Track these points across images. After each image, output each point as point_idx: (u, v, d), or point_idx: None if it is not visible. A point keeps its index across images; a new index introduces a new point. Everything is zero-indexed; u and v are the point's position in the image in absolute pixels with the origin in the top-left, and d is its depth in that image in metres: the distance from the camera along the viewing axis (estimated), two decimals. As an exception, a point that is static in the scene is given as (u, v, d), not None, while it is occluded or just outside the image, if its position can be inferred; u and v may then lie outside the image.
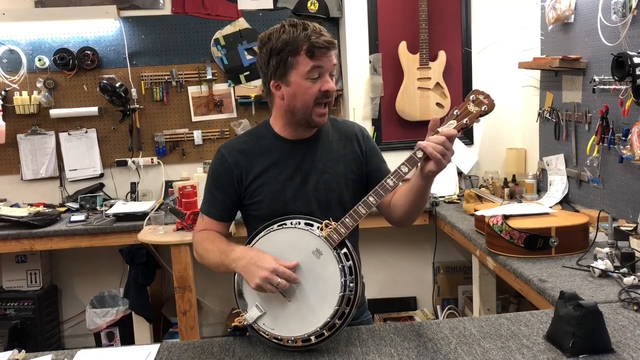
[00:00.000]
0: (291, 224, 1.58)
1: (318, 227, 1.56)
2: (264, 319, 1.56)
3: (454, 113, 1.57)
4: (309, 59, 1.59)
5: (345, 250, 1.53)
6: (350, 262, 1.52)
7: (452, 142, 1.53)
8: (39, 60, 3.77)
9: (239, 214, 1.82)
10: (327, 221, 1.55)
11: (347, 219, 1.53)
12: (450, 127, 1.55)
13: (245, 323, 1.57)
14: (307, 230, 1.55)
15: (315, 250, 1.53)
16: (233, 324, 1.61)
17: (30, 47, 3.79)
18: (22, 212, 3.48)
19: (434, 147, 1.49)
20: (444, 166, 1.52)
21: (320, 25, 1.63)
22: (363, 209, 1.54)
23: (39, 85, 3.79)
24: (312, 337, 1.51)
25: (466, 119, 1.56)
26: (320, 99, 1.63)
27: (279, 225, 1.59)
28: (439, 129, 1.55)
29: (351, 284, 1.51)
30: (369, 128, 3.84)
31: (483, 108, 1.56)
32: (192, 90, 3.92)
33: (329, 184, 1.72)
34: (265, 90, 1.72)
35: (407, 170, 1.54)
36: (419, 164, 1.54)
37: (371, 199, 1.54)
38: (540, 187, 3.52)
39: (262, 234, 1.60)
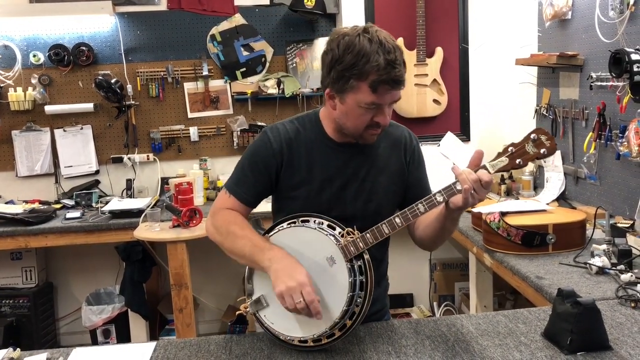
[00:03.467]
0: (314, 222, 1.53)
1: (339, 233, 1.51)
2: (266, 311, 1.54)
3: (509, 150, 1.44)
4: (372, 93, 1.46)
5: (360, 262, 1.48)
6: (364, 276, 1.47)
7: (488, 188, 1.41)
8: (34, 56, 3.75)
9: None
10: (349, 229, 1.49)
11: (368, 235, 1.47)
12: (500, 164, 1.44)
13: (248, 311, 1.56)
14: (327, 235, 1.50)
15: (330, 257, 1.48)
16: (238, 312, 1.59)
17: (25, 42, 3.76)
18: (17, 209, 3.46)
19: (469, 182, 1.39)
20: (470, 205, 1.44)
21: (395, 43, 1.46)
22: (387, 229, 1.47)
23: (33, 81, 3.76)
24: (309, 341, 1.49)
25: (520, 159, 1.43)
26: (372, 127, 1.54)
27: (302, 221, 1.55)
28: (486, 164, 1.44)
29: (359, 299, 1.46)
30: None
31: (542, 151, 1.42)
32: (188, 86, 3.90)
33: (369, 194, 1.65)
34: (322, 87, 1.61)
35: (441, 200, 1.45)
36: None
37: (397, 220, 1.47)
38: (537, 183, 3.52)
39: (284, 226, 1.56)
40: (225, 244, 1.61)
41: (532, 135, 1.43)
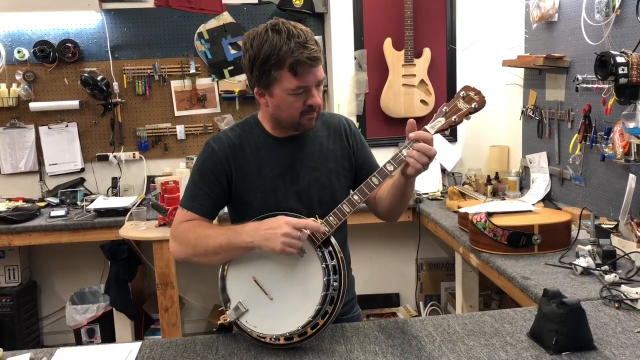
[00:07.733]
0: None
1: None
2: (246, 316, 1.54)
3: (443, 110, 1.55)
4: (293, 77, 1.51)
5: (330, 248, 1.51)
6: (335, 260, 1.51)
7: (432, 145, 1.51)
8: (18, 52, 3.70)
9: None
10: (311, 218, 1.53)
11: (331, 217, 1.52)
12: (438, 124, 1.54)
13: (228, 320, 1.56)
14: None
15: (299, 249, 1.51)
16: (219, 322, 1.59)
17: (9, 38, 3.72)
18: (1, 206, 3.42)
19: (417, 159, 1.49)
20: (421, 172, 1.52)
21: (304, 28, 1.54)
22: (347, 208, 1.52)
23: (18, 77, 3.71)
24: (295, 336, 1.49)
25: (455, 116, 1.54)
26: (307, 112, 1.59)
27: None
28: (426, 127, 1.54)
29: (335, 283, 1.49)
30: (354, 124, 3.83)
31: (473, 105, 1.54)
32: (175, 84, 3.88)
33: (321, 181, 1.70)
34: (250, 89, 1.66)
35: (392, 169, 1.53)
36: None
37: (356, 197, 1.52)
38: (523, 184, 3.54)
39: None
40: (198, 249, 1.60)
41: (462, 93, 1.54)
